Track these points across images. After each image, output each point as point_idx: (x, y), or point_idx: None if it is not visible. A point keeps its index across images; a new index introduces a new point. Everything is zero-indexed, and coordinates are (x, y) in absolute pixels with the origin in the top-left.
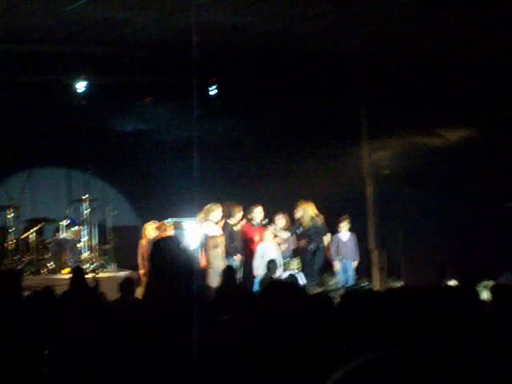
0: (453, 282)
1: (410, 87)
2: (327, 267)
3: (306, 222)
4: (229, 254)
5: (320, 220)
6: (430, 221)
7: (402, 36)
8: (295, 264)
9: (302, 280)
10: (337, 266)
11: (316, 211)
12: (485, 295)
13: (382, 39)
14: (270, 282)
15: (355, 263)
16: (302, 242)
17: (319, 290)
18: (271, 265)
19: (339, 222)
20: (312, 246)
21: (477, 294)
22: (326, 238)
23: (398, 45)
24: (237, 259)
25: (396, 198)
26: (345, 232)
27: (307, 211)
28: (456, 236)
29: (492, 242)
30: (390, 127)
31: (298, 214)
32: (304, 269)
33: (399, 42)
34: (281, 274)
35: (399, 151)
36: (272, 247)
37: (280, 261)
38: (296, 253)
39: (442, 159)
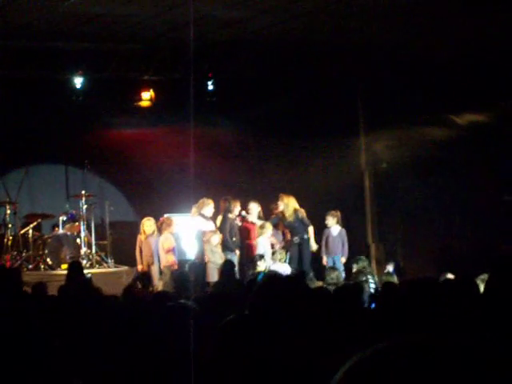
0: (450, 276)
1: (410, 73)
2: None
3: (289, 214)
4: (229, 248)
5: (301, 213)
6: (428, 214)
7: (398, 23)
8: (279, 255)
9: (286, 271)
10: (324, 260)
11: (297, 205)
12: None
13: (378, 27)
14: (268, 275)
15: (343, 259)
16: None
17: (319, 283)
18: (256, 258)
19: (325, 215)
20: (296, 239)
21: (476, 287)
22: (311, 230)
23: (395, 31)
24: (236, 254)
25: (395, 191)
26: (335, 226)
27: (290, 204)
28: (455, 229)
29: (492, 234)
30: (389, 118)
31: (280, 207)
32: (291, 262)
33: (396, 28)
34: (268, 266)
35: (398, 142)
36: (268, 242)
37: (270, 255)
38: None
39: (442, 150)
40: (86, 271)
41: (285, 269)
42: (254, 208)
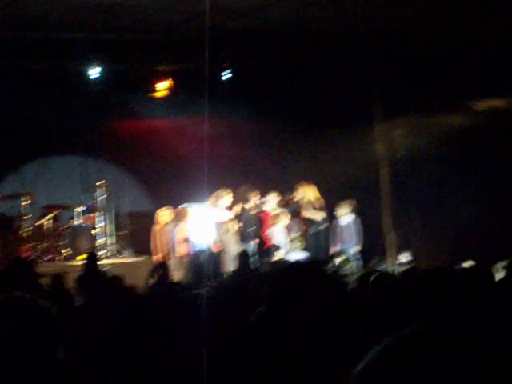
0: (468, 264)
1: (426, 59)
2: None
3: (307, 203)
4: (246, 238)
5: (319, 203)
6: (445, 202)
7: (414, 9)
8: (297, 243)
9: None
10: (331, 250)
11: (317, 194)
12: (502, 275)
13: (394, 13)
14: (288, 264)
15: (356, 248)
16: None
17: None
18: (272, 249)
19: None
20: (312, 229)
21: (491, 276)
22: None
23: (411, 18)
24: (253, 244)
25: (411, 179)
26: (344, 216)
27: (307, 194)
28: (472, 216)
29: (509, 222)
30: (405, 106)
31: (298, 196)
32: (309, 251)
33: (412, 15)
34: (283, 256)
35: (414, 131)
36: (283, 232)
37: (286, 245)
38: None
39: (459, 137)
40: (104, 262)
41: (303, 257)
42: (272, 198)
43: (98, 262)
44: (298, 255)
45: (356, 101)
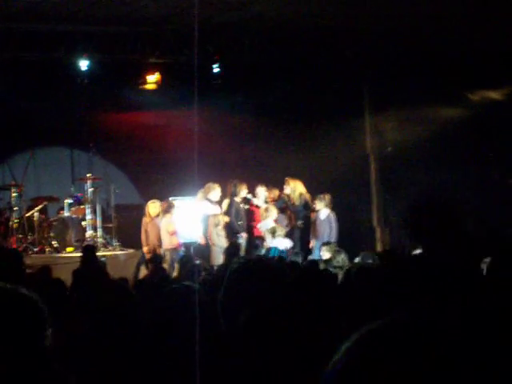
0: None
1: (418, 49)
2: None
3: (296, 198)
4: (235, 232)
5: (307, 197)
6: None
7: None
8: (278, 231)
9: (289, 245)
10: (311, 243)
11: (304, 189)
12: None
13: (386, 6)
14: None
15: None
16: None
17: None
18: (258, 243)
19: (314, 199)
20: (301, 223)
21: (480, 270)
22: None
23: (403, 10)
24: (243, 237)
25: (401, 173)
26: (323, 210)
27: (296, 188)
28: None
29: (499, 218)
30: (395, 99)
31: (286, 190)
32: (295, 246)
33: (404, 7)
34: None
35: (405, 124)
36: (272, 225)
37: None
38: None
39: (449, 132)
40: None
41: (285, 243)
42: (261, 192)
43: None
44: (280, 243)
45: (346, 94)
